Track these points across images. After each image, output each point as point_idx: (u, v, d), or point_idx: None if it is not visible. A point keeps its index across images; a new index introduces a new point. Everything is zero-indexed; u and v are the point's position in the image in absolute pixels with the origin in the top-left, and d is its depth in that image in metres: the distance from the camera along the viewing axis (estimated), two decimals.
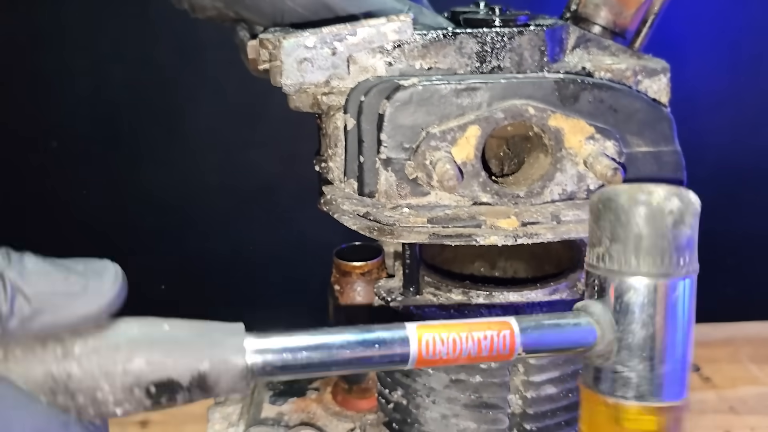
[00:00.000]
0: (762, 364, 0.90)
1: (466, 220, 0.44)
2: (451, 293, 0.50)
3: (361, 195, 0.45)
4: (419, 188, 0.44)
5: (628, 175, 0.45)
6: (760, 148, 0.95)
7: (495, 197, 0.45)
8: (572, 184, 0.45)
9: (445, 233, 0.44)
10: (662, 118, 0.46)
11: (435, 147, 0.43)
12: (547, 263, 0.60)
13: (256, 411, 0.59)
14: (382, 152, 0.44)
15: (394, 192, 0.44)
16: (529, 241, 0.44)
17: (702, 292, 1.10)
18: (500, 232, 0.44)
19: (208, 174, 0.96)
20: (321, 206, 0.48)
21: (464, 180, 0.43)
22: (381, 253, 0.57)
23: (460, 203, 0.45)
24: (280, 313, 0.95)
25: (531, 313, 0.49)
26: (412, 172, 0.44)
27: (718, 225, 1.00)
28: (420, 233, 0.44)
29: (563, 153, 0.44)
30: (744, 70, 0.90)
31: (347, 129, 0.45)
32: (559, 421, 0.50)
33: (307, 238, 0.98)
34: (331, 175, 0.48)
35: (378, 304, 0.52)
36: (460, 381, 0.49)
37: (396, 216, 0.44)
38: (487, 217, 0.44)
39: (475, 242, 0.44)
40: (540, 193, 0.45)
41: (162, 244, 1.00)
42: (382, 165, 0.44)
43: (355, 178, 0.46)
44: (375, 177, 0.44)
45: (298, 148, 0.94)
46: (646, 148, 0.46)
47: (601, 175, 0.43)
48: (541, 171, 0.45)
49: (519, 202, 0.45)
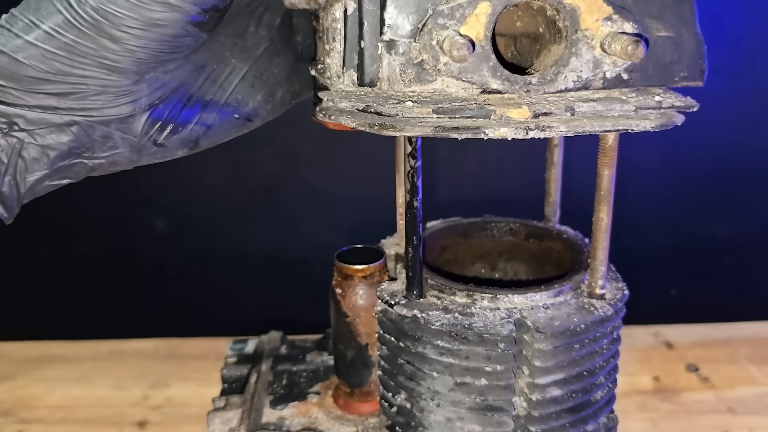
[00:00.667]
0: (760, 364, 0.90)
1: (473, 109, 0.41)
2: (455, 296, 0.50)
3: (362, 85, 0.42)
4: (425, 73, 0.41)
5: (647, 61, 0.43)
6: (758, 149, 0.95)
7: (506, 83, 0.42)
8: (588, 71, 0.43)
9: (451, 125, 0.41)
10: (683, 0, 0.43)
11: (442, 25, 0.40)
12: (548, 264, 0.60)
13: (257, 416, 0.59)
14: (385, 33, 0.41)
15: (397, 78, 0.41)
16: (541, 134, 0.41)
17: (701, 292, 1.11)
18: (510, 124, 0.41)
19: (208, 174, 0.96)
20: (316, 116, 0.46)
21: (473, 62, 0.41)
22: (383, 255, 0.56)
23: (468, 91, 0.42)
24: (280, 313, 0.95)
25: (537, 316, 0.49)
26: (417, 54, 0.41)
27: (716, 225, 1.01)
28: (424, 126, 0.41)
29: (579, 35, 0.42)
30: (743, 70, 0.91)
31: (347, 14, 0.42)
32: (563, 423, 0.50)
33: (307, 238, 0.98)
34: (328, 73, 0.45)
35: (381, 307, 0.52)
36: (464, 384, 0.49)
37: (399, 108, 0.41)
38: (497, 106, 0.41)
39: (484, 134, 0.41)
40: (554, 80, 0.42)
41: (162, 244, 1.00)
42: (384, 48, 0.41)
43: (354, 68, 0.43)
44: (377, 62, 0.41)
45: (298, 148, 0.94)
46: (665, 32, 0.43)
47: (622, 52, 0.41)
48: (555, 57, 0.42)
49: (531, 89, 0.42)
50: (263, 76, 0.50)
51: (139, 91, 0.43)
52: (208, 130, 0.48)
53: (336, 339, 0.58)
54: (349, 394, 0.59)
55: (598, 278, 0.50)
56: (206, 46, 0.46)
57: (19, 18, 0.40)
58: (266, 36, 0.50)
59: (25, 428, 0.83)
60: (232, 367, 0.68)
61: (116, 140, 0.44)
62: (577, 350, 0.49)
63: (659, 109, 0.43)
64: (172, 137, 0.46)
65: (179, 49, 0.43)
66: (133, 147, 0.45)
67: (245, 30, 0.49)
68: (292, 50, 0.51)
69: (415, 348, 0.49)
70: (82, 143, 0.43)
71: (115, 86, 0.42)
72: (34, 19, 0.39)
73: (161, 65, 0.43)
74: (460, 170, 0.97)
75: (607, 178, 0.48)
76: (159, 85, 0.44)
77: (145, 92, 0.44)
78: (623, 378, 0.87)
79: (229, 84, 0.49)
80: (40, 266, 1.01)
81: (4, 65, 0.39)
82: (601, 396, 0.52)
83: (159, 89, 0.44)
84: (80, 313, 1.01)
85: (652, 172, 0.97)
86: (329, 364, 0.65)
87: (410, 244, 0.49)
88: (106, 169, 0.46)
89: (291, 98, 0.52)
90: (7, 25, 0.40)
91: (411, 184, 0.47)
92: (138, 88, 0.43)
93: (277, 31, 0.50)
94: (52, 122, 0.42)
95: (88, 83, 0.41)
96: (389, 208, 0.61)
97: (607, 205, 0.48)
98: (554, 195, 0.61)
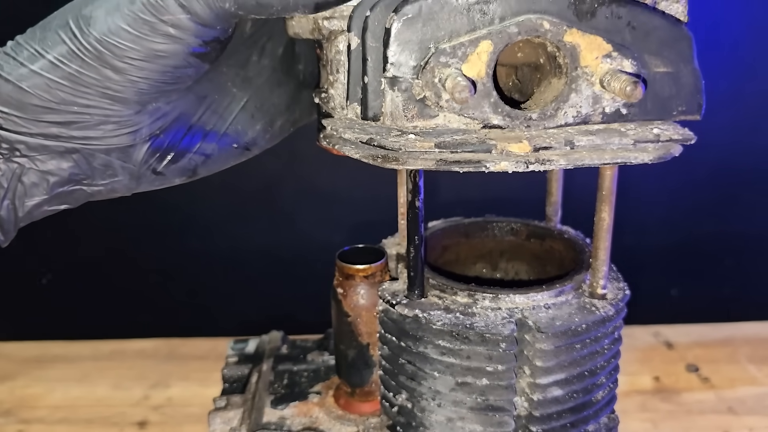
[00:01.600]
0: (761, 364, 0.90)
1: (475, 144, 0.41)
2: (457, 296, 0.50)
3: (365, 119, 0.43)
4: (427, 109, 0.42)
5: (646, 96, 0.43)
6: (759, 149, 0.95)
7: (506, 119, 0.42)
8: (587, 106, 0.43)
9: (453, 159, 0.42)
10: (682, 37, 0.44)
11: (445, 63, 0.41)
12: (549, 264, 0.60)
13: (258, 415, 0.59)
14: (388, 70, 0.41)
15: (400, 113, 0.42)
16: (541, 168, 0.42)
17: (701, 292, 1.11)
18: (511, 158, 0.42)
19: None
20: (320, 141, 0.46)
21: (475, 99, 0.41)
22: (384, 255, 0.56)
23: (469, 126, 0.43)
24: (281, 314, 0.95)
25: (538, 315, 0.49)
26: (420, 91, 0.41)
27: (717, 225, 1.01)
28: (427, 159, 0.42)
29: (579, 72, 0.42)
30: (744, 70, 0.91)
31: (350, 49, 0.43)
32: (565, 423, 0.50)
33: (307, 238, 0.98)
34: (332, 103, 0.46)
35: (382, 307, 0.52)
36: (466, 384, 0.49)
37: (402, 141, 0.41)
38: (498, 141, 0.42)
39: (485, 168, 0.42)
40: (554, 115, 0.43)
41: (162, 243, 1.00)
42: (387, 84, 0.41)
43: (358, 101, 0.43)
44: (380, 98, 0.42)
45: (298, 148, 0.94)
46: (664, 68, 0.44)
47: (620, 91, 0.41)
48: (555, 92, 0.43)
49: (531, 125, 0.43)
50: (264, 106, 0.50)
51: (141, 121, 0.43)
52: (206, 159, 0.49)
53: (337, 339, 0.58)
54: (350, 393, 0.59)
55: (599, 278, 0.50)
56: (208, 77, 0.47)
57: (25, 47, 0.40)
58: (269, 66, 0.50)
59: (25, 428, 0.83)
60: (233, 366, 0.68)
61: (116, 169, 0.45)
62: (578, 350, 0.49)
63: (657, 142, 0.43)
64: (171, 166, 0.47)
65: (181, 80, 0.43)
66: (133, 175, 0.46)
67: (248, 60, 0.49)
68: (293, 79, 0.52)
69: (416, 348, 0.49)
70: (83, 170, 0.44)
71: (118, 116, 0.42)
72: (39, 48, 0.40)
73: (163, 96, 0.43)
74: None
75: (609, 178, 0.48)
76: (160, 115, 0.45)
77: (147, 122, 0.44)
78: (623, 378, 0.87)
79: (229, 114, 0.49)
80: (40, 266, 1.01)
81: (8, 93, 0.40)
82: (602, 396, 0.52)
83: (160, 119, 0.45)
84: (80, 313, 1.01)
85: (652, 172, 0.97)
86: (330, 363, 0.65)
87: (412, 243, 0.49)
88: (104, 196, 0.46)
89: (290, 126, 0.53)
90: (12, 54, 0.40)
91: (413, 183, 0.47)
92: (140, 118, 0.43)
93: (280, 60, 0.50)
94: (54, 149, 0.42)
95: (91, 113, 0.41)
96: (390, 207, 0.61)
97: (609, 204, 0.48)
98: (555, 195, 0.61)
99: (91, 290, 1.01)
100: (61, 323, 1.00)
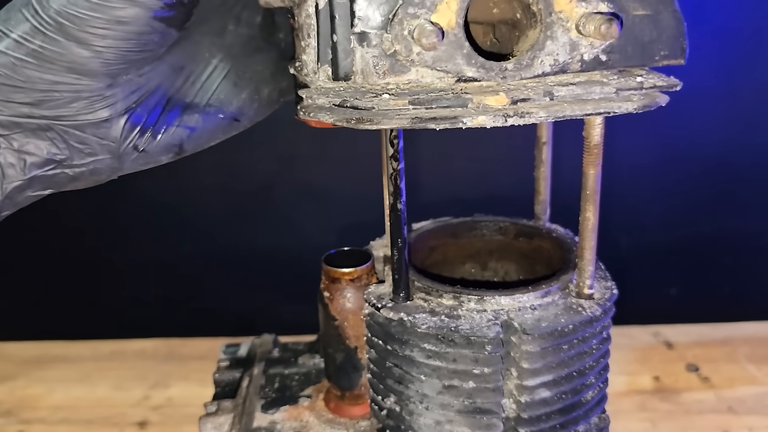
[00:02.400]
0: (760, 363, 0.90)
1: (450, 99, 0.40)
2: (442, 298, 0.50)
3: (336, 79, 0.42)
4: (399, 64, 0.41)
5: (626, 41, 0.42)
6: (756, 146, 0.95)
7: (481, 71, 0.41)
8: (564, 53, 0.42)
9: (428, 116, 0.41)
10: None
11: (413, 15, 0.40)
12: (538, 264, 0.60)
13: (248, 420, 0.59)
14: (356, 26, 0.41)
15: (371, 70, 0.41)
16: (520, 121, 0.41)
17: (700, 291, 1.11)
18: (489, 112, 0.41)
19: (206, 174, 0.96)
20: (299, 115, 0.45)
21: (446, 51, 0.41)
22: (371, 258, 0.56)
23: (443, 80, 0.42)
24: (279, 314, 0.95)
25: (524, 317, 0.48)
26: (390, 46, 0.41)
27: (715, 224, 1.00)
28: (402, 117, 0.41)
29: (553, 18, 0.41)
30: (739, 66, 0.90)
31: (318, 9, 0.42)
32: (554, 424, 0.50)
33: (306, 238, 0.98)
34: (305, 69, 0.44)
35: (368, 310, 0.51)
36: (453, 387, 0.48)
37: (375, 101, 0.41)
38: (474, 94, 0.41)
39: (462, 123, 0.41)
40: (530, 65, 0.42)
41: (161, 244, 1.00)
42: (356, 41, 0.41)
43: (329, 63, 0.42)
44: (350, 56, 0.41)
45: (298, 148, 0.94)
46: (643, 11, 0.43)
47: (596, 32, 0.40)
48: (531, 41, 0.42)
49: (508, 75, 0.42)
50: (246, 74, 0.49)
51: (114, 95, 0.43)
52: (191, 133, 0.48)
53: (325, 342, 0.58)
54: (339, 397, 0.59)
55: (586, 278, 0.50)
56: (182, 46, 0.46)
57: None
58: (246, 34, 0.49)
59: (25, 428, 0.83)
60: (225, 371, 0.68)
61: (94, 146, 0.44)
62: (565, 351, 0.48)
63: (641, 89, 0.42)
64: (153, 142, 0.46)
65: (148, 48, 0.42)
66: (113, 153, 0.45)
67: (224, 29, 0.48)
68: (275, 47, 0.51)
69: (402, 351, 0.49)
70: (60, 150, 0.43)
71: (88, 91, 0.41)
72: (3, 28, 0.40)
73: (132, 66, 0.43)
74: (449, 169, 0.97)
75: (593, 177, 0.47)
76: (134, 89, 0.44)
77: (120, 96, 0.43)
78: (623, 378, 0.87)
79: (210, 84, 0.48)
80: (40, 266, 1.01)
81: None
82: (592, 396, 0.51)
83: (135, 92, 0.44)
84: (80, 313, 1.02)
85: (649, 170, 0.96)
86: (321, 367, 0.65)
87: (395, 246, 0.48)
88: (89, 179, 0.46)
89: (279, 96, 0.52)
90: None
91: (394, 186, 0.47)
92: (112, 92, 0.43)
93: (259, 29, 0.50)
94: (27, 127, 0.42)
95: (60, 89, 0.41)
96: (383, 208, 0.60)
97: (594, 204, 0.48)
98: (544, 193, 0.60)
99: (92, 290, 1.02)
100: (61, 323, 1.01)
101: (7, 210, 0.44)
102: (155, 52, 0.44)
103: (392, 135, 0.46)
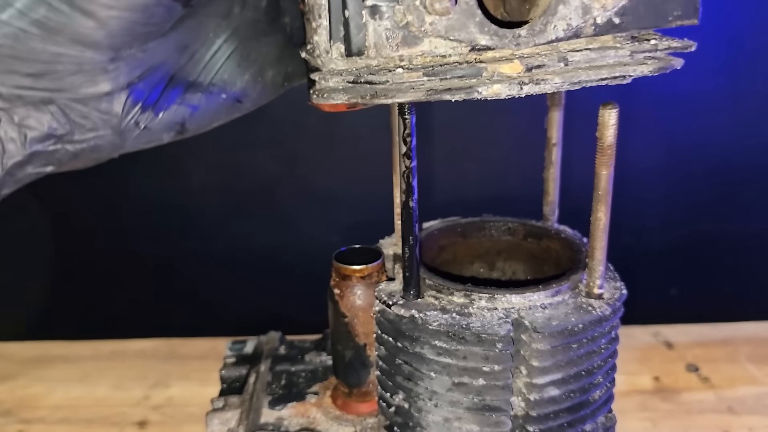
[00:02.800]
0: (760, 364, 0.90)
1: (464, 68, 0.40)
2: (453, 296, 0.50)
3: (349, 55, 0.42)
4: (411, 36, 0.41)
5: (638, 1, 0.42)
6: (758, 148, 0.95)
7: (494, 38, 0.41)
8: (577, 17, 0.42)
9: (443, 87, 0.41)
10: None
11: None
12: (546, 264, 0.60)
13: (256, 416, 0.59)
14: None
15: (384, 43, 0.41)
16: (536, 89, 0.41)
17: (700, 292, 1.11)
18: (504, 81, 0.41)
19: (208, 174, 0.96)
20: (312, 101, 0.45)
21: (459, 19, 0.40)
22: (381, 256, 0.56)
23: (457, 50, 0.41)
24: (280, 314, 0.95)
25: (534, 316, 0.49)
26: (402, 17, 0.41)
27: (716, 224, 1.01)
28: (417, 90, 0.41)
29: None
30: (742, 68, 0.90)
31: None
32: (562, 422, 0.50)
33: (306, 238, 0.98)
34: (317, 50, 0.44)
35: (379, 307, 0.52)
36: (462, 384, 0.49)
37: (389, 75, 0.41)
38: (488, 63, 0.41)
39: (477, 93, 0.41)
40: (543, 30, 0.42)
41: (161, 243, 1.00)
42: (368, 14, 0.41)
43: (341, 40, 0.42)
44: (363, 30, 0.41)
45: (298, 148, 0.94)
46: None
47: None
48: (543, 7, 0.42)
49: (521, 42, 0.41)
50: (251, 56, 0.49)
51: (117, 69, 0.42)
52: (194, 112, 0.47)
53: (334, 339, 0.58)
54: (347, 394, 0.59)
55: (596, 278, 0.50)
56: (187, 26, 0.46)
57: None
58: (252, 17, 0.49)
59: (25, 428, 0.83)
60: (231, 367, 0.68)
61: (95, 121, 0.43)
62: (574, 350, 0.49)
63: (655, 51, 0.43)
64: (155, 119, 0.46)
65: (152, 20, 0.42)
66: (115, 129, 0.44)
67: (229, 11, 0.48)
68: (280, 31, 0.51)
69: (412, 348, 0.49)
70: (60, 124, 0.43)
71: (91, 63, 0.41)
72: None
73: (136, 40, 0.42)
74: (459, 169, 0.97)
75: (605, 178, 0.48)
76: (137, 64, 0.44)
77: (123, 71, 0.43)
78: (623, 378, 0.87)
79: (214, 63, 0.48)
80: (40, 266, 1.01)
81: None
82: (599, 396, 0.52)
83: (137, 68, 0.44)
84: (80, 313, 1.01)
85: (651, 171, 0.97)
86: (328, 364, 0.65)
87: (406, 244, 0.49)
88: (90, 156, 0.45)
89: (283, 80, 0.51)
90: None
91: (407, 184, 0.47)
92: (115, 66, 0.42)
93: (264, 12, 0.49)
94: (29, 100, 0.41)
95: (63, 61, 0.40)
96: (389, 207, 0.61)
97: (605, 204, 0.48)
98: (553, 194, 0.61)
99: (92, 290, 1.01)
100: (61, 323, 1.01)
101: (7, 187, 0.43)
102: (160, 27, 0.43)
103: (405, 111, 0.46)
